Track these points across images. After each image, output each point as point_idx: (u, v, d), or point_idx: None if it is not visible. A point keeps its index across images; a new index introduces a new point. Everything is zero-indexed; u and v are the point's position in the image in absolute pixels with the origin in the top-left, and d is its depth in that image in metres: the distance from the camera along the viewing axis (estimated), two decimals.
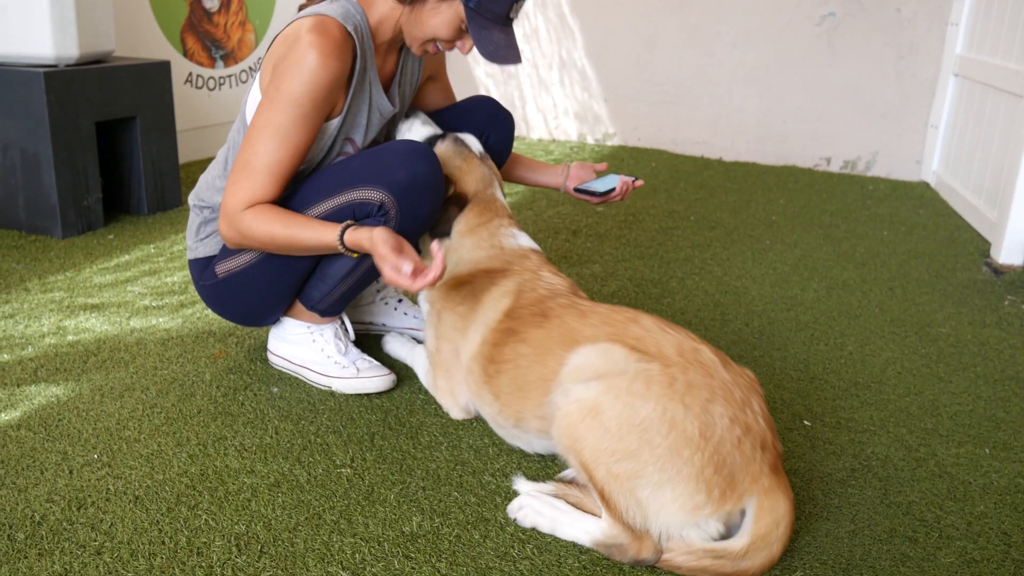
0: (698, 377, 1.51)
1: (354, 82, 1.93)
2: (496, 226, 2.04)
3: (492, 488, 1.73)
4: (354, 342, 2.21)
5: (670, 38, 5.19)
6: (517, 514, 1.64)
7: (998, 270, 3.20)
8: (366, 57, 1.94)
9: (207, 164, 4.30)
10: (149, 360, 2.23)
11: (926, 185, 4.60)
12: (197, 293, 2.22)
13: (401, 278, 1.73)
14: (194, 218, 2.11)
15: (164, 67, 3.49)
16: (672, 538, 1.49)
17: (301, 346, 2.14)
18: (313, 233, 1.85)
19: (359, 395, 2.08)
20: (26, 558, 1.48)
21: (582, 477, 1.55)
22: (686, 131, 5.26)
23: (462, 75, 5.65)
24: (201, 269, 2.09)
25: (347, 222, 1.85)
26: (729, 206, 4.03)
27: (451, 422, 1.98)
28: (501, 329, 1.82)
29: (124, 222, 3.41)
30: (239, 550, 1.52)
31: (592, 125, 5.52)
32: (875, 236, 3.62)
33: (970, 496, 1.77)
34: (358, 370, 2.10)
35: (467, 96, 2.39)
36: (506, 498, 1.70)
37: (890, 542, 1.61)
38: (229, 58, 4.57)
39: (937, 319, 2.71)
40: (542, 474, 1.79)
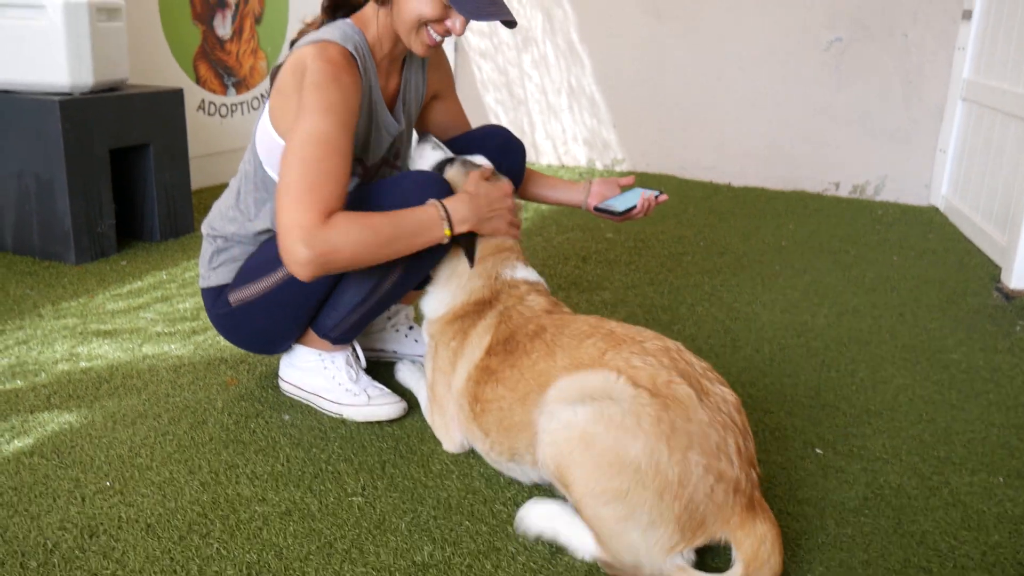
0: (679, 419, 1.49)
1: (361, 103, 1.94)
2: (500, 258, 2.01)
3: (503, 517, 1.73)
4: (365, 369, 2.22)
5: (678, 63, 5.21)
6: (524, 522, 1.65)
7: (1009, 295, 3.19)
8: (370, 77, 1.96)
9: (219, 190, 4.31)
10: (161, 387, 2.24)
11: (935, 210, 4.60)
12: (209, 321, 2.22)
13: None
14: (207, 247, 2.12)
15: (177, 95, 3.53)
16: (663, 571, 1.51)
17: (312, 373, 2.14)
18: (408, 223, 1.83)
19: (370, 423, 2.09)
20: None
21: (571, 504, 1.56)
22: (695, 156, 5.28)
23: (471, 101, 5.68)
24: (214, 297, 2.10)
25: (436, 207, 1.88)
26: (738, 232, 4.04)
27: None
28: (482, 367, 1.83)
29: (137, 248, 3.43)
30: None
31: (601, 151, 5.54)
32: (885, 261, 3.61)
33: (984, 525, 1.76)
34: (369, 397, 2.10)
35: (477, 125, 2.40)
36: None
37: (904, 573, 1.60)
38: (241, 85, 4.61)
39: (948, 345, 2.71)
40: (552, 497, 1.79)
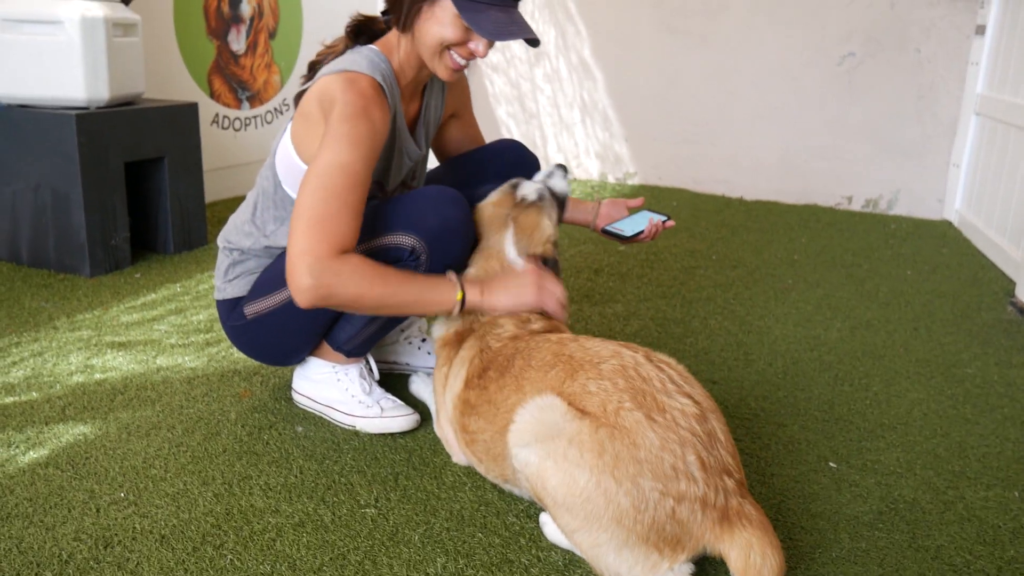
0: (623, 449, 1.49)
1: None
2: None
3: (516, 529, 1.73)
4: (378, 381, 2.22)
5: (691, 77, 5.22)
6: (543, 528, 1.69)
7: (1023, 309, 3.17)
8: (396, 105, 1.97)
9: (233, 203, 4.35)
10: (175, 399, 2.25)
11: (949, 224, 4.59)
12: (224, 332, 2.23)
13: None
14: (223, 259, 2.13)
15: (192, 109, 3.55)
16: None
17: (326, 385, 2.15)
18: (418, 289, 1.83)
19: (383, 435, 2.09)
20: None
21: None
22: (707, 170, 5.28)
23: (483, 114, 5.70)
24: (229, 310, 2.11)
25: (450, 274, 1.90)
26: (751, 245, 4.03)
27: None
28: (463, 399, 1.85)
29: (151, 261, 3.45)
30: None
31: (613, 164, 5.54)
32: (898, 275, 3.60)
33: (1000, 540, 1.75)
34: (382, 409, 2.10)
35: (491, 138, 2.41)
36: (530, 539, 1.69)
37: None
38: (255, 99, 4.64)
39: (963, 359, 2.69)
40: None
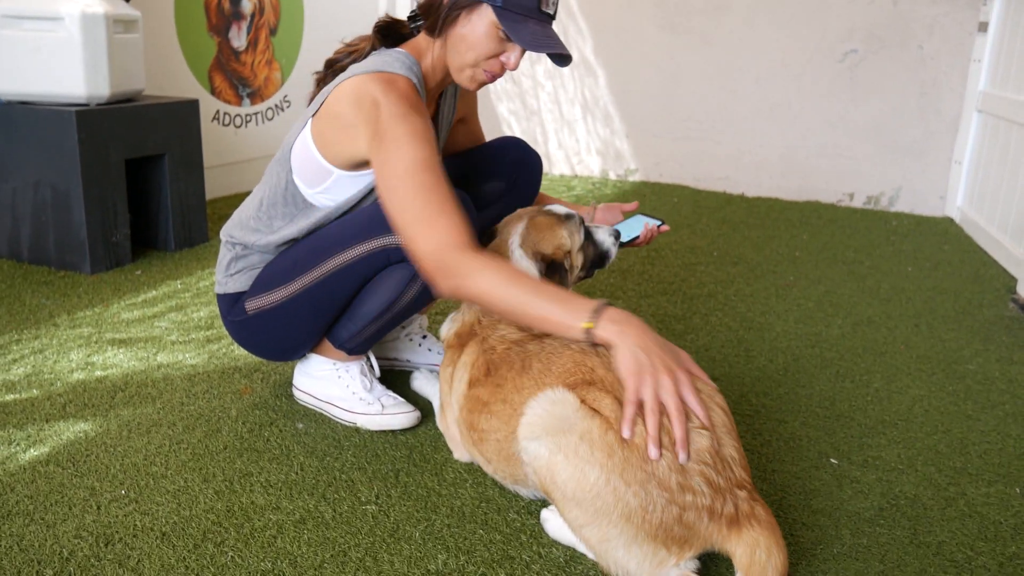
0: (633, 457, 1.49)
1: None
2: None
3: (517, 526, 1.73)
4: (379, 378, 2.22)
5: (693, 74, 5.22)
6: (544, 525, 1.70)
7: None
8: (427, 112, 1.96)
9: (234, 200, 4.35)
10: (176, 396, 2.25)
11: (950, 221, 4.58)
12: (224, 328, 2.23)
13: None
14: (225, 253, 2.13)
15: (192, 105, 3.55)
16: None
17: (327, 382, 2.15)
18: (549, 303, 1.66)
19: (384, 431, 2.09)
20: None
21: None
22: (709, 167, 5.28)
23: (485, 111, 5.69)
24: (230, 305, 2.10)
25: (596, 305, 1.64)
26: (752, 242, 4.03)
27: None
28: (471, 397, 1.84)
29: (151, 258, 3.45)
30: None
31: (614, 161, 5.54)
32: (899, 272, 3.60)
33: (1001, 536, 1.75)
34: (383, 407, 2.10)
35: (492, 135, 2.41)
36: (531, 536, 1.69)
37: None
38: (256, 96, 4.64)
39: (964, 356, 2.69)
40: None
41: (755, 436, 2.13)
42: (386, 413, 2.09)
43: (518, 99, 5.73)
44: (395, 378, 2.38)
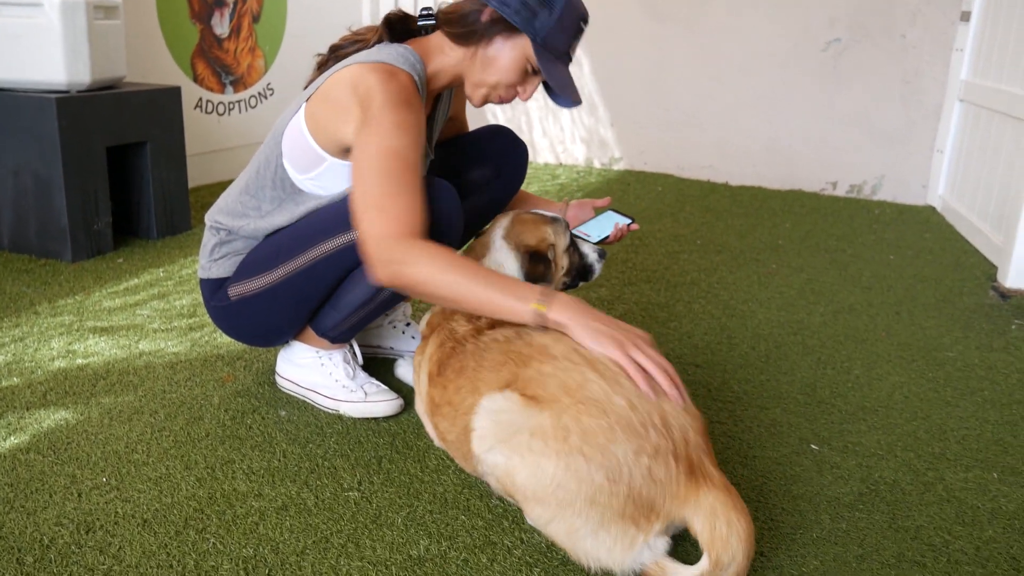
0: (591, 420, 1.49)
1: None
2: None
3: (499, 512, 1.73)
4: (362, 366, 2.22)
5: (677, 63, 5.22)
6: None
7: (1005, 294, 3.19)
8: (423, 109, 1.95)
9: (216, 188, 4.33)
10: (158, 383, 2.24)
11: (932, 209, 4.61)
12: (207, 313, 2.22)
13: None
14: (209, 238, 2.12)
15: (175, 92, 3.53)
16: (638, 568, 1.51)
17: (309, 370, 2.14)
18: (493, 287, 1.67)
19: (367, 419, 2.09)
20: None
21: None
22: (693, 155, 5.29)
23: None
24: (213, 290, 2.10)
25: (543, 289, 1.68)
26: (735, 230, 4.04)
27: None
28: (429, 397, 1.86)
29: (133, 246, 3.43)
30: (247, 573, 1.52)
31: (599, 150, 5.54)
32: (881, 260, 3.62)
33: (978, 521, 1.77)
34: (366, 394, 2.10)
35: (477, 124, 2.41)
36: (513, 522, 1.70)
37: (898, 567, 1.61)
38: (239, 84, 4.62)
39: (944, 343, 2.71)
40: None
41: (736, 423, 2.15)
42: (369, 401, 2.09)
43: None
44: (378, 366, 2.38)
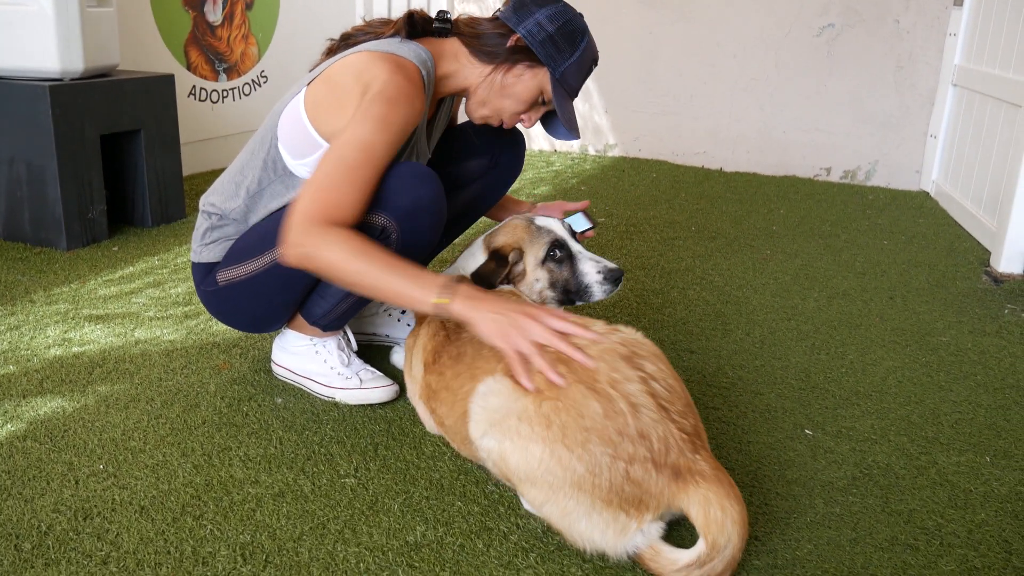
0: (569, 419, 1.51)
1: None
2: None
3: (495, 498, 1.74)
4: (357, 353, 2.22)
5: (671, 50, 5.21)
6: (521, 497, 1.70)
7: (998, 279, 3.21)
8: (425, 105, 1.96)
9: (210, 176, 4.32)
10: (154, 371, 2.24)
11: (926, 195, 4.62)
12: (198, 297, 2.23)
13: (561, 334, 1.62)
14: (202, 221, 2.11)
15: (168, 80, 3.52)
16: (632, 551, 1.52)
17: (304, 358, 2.15)
18: (398, 278, 1.69)
19: (362, 406, 2.10)
20: (32, 568, 1.49)
21: None
22: (687, 142, 5.29)
23: None
24: (204, 274, 2.09)
25: (446, 281, 1.69)
26: (730, 216, 4.05)
27: None
28: (426, 384, 1.88)
29: (128, 234, 3.43)
30: (244, 560, 1.53)
31: (593, 136, 5.54)
32: (875, 246, 3.63)
33: (971, 504, 1.78)
34: (361, 381, 2.11)
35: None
36: (509, 508, 1.71)
37: (891, 550, 1.62)
38: (232, 71, 4.60)
39: (937, 328, 2.72)
40: None
41: (731, 408, 2.16)
42: (364, 387, 2.10)
43: None
44: (374, 353, 2.39)
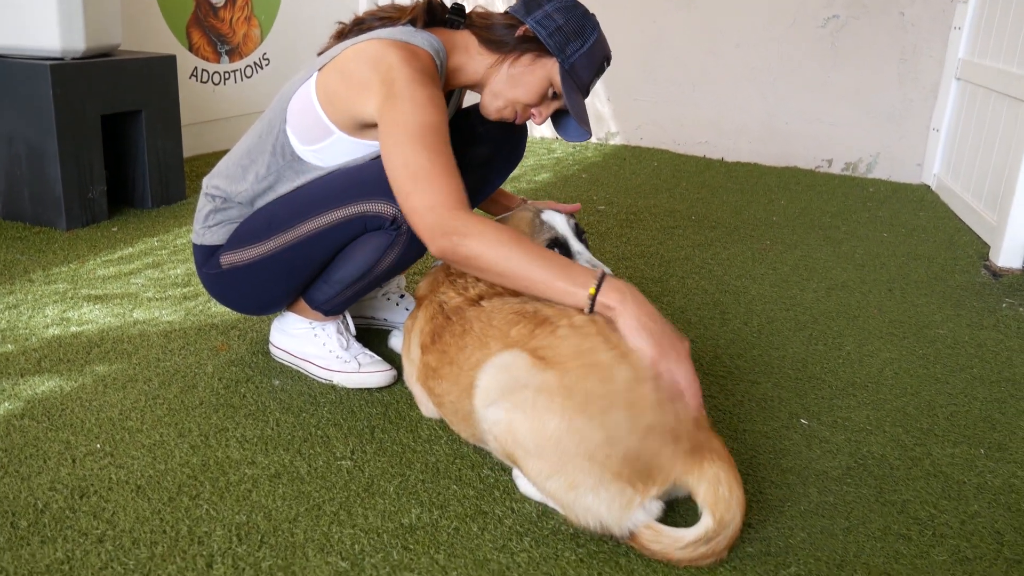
0: (595, 385, 1.51)
1: None
2: None
3: (491, 482, 1.75)
4: (356, 337, 2.23)
5: (674, 38, 5.20)
6: (516, 481, 1.73)
7: (996, 273, 3.21)
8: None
9: (211, 158, 4.32)
10: (152, 352, 2.25)
11: (927, 188, 4.61)
12: (199, 279, 2.23)
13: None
14: (205, 203, 2.10)
15: (170, 61, 3.51)
16: (631, 528, 1.53)
17: (303, 340, 2.15)
18: (551, 267, 1.65)
19: (360, 389, 2.10)
20: (28, 545, 1.50)
21: None
22: (689, 131, 5.28)
23: None
24: (206, 256, 2.09)
25: (600, 277, 1.64)
26: (730, 206, 4.05)
27: None
28: (424, 364, 1.88)
29: (128, 215, 3.43)
30: (239, 540, 1.53)
31: (595, 125, 5.53)
32: (875, 238, 3.63)
33: (964, 495, 1.79)
34: (359, 365, 2.11)
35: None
36: (504, 492, 1.71)
37: (884, 540, 1.63)
38: (234, 53, 4.59)
39: (935, 321, 2.73)
40: None
41: (728, 396, 2.16)
42: (362, 371, 2.10)
43: None
44: (372, 336, 2.39)
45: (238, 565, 1.47)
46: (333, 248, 1.95)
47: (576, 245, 2.05)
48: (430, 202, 1.69)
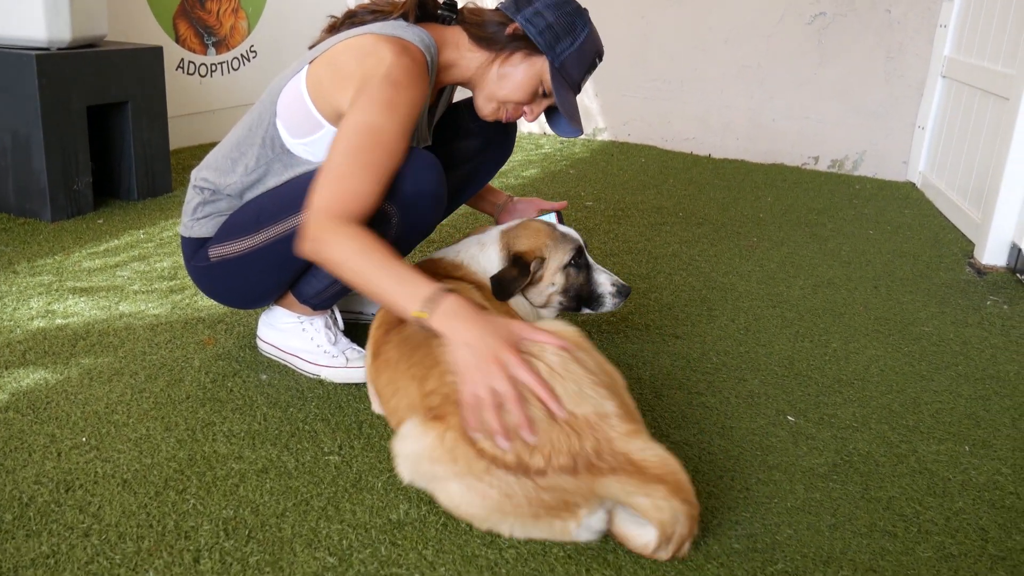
0: (469, 450, 1.52)
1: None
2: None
3: None
4: (343, 331, 2.22)
5: (662, 35, 5.20)
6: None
7: (981, 271, 3.23)
8: (427, 91, 1.94)
9: (198, 151, 4.30)
10: (138, 345, 2.24)
11: (912, 185, 4.64)
12: (187, 272, 2.21)
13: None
14: (193, 196, 2.08)
15: (156, 52, 3.49)
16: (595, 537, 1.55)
17: (291, 335, 2.14)
18: (389, 283, 1.66)
19: (347, 384, 2.10)
20: (13, 539, 1.49)
21: None
22: (676, 127, 5.29)
23: None
24: (194, 249, 2.08)
25: (433, 293, 1.63)
26: (717, 203, 4.06)
27: None
28: (374, 367, 1.88)
29: (114, 207, 3.41)
30: (226, 534, 1.53)
31: (583, 120, 5.52)
32: (861, 235, 3.65)
33: (949, 492, 1.80)
34: (347, 359, 2.11)
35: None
36: None
37: (870, 536, 1.64)
38: (221, 45, 4.57)
39: (920, 318, 2.74)
40: None
41: (715, 393, 2.17)
42: (350, 366, 2.10)
43: None
44: (360, 331, 2.38)
45: (225, 560, 1.47)
46: None
47: (589, 256, 2.12)
48: (317, 203, 1.73)
